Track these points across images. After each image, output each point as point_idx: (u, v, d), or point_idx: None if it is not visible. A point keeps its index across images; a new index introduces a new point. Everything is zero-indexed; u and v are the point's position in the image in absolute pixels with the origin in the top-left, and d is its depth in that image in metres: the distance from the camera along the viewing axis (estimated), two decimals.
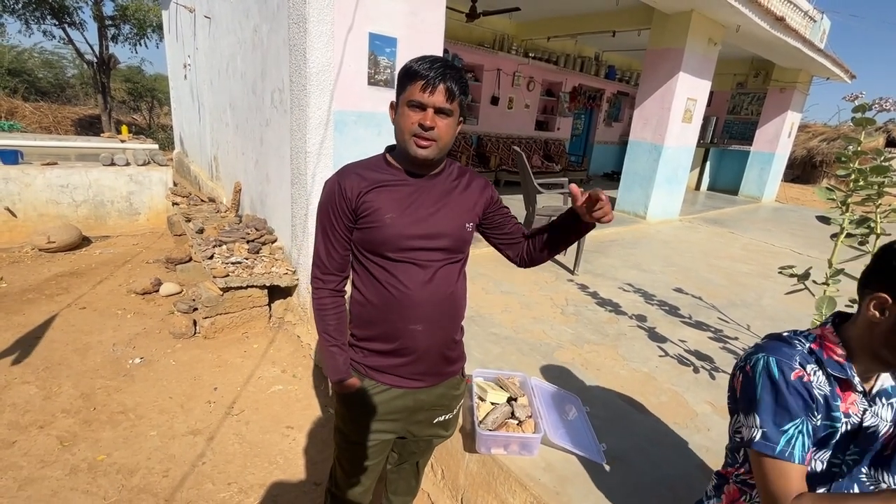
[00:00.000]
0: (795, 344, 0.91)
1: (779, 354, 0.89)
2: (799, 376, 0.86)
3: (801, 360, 0.89)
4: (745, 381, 0.93)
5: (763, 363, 0.90)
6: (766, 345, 0.94)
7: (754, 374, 0.90)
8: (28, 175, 4.58)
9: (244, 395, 2.50)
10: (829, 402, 0.87)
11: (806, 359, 0.89)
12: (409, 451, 1.45)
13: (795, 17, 6.50)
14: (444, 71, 1.00)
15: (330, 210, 1.11)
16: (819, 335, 0.93)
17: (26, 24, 10.85)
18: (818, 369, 0.89)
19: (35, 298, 3.42)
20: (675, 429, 1.91)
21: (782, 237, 6.05)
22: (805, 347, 0.91)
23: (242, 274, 3.02)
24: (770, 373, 0.88)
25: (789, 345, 0.91)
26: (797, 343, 0.92)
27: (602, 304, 3.19)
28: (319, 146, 2.78)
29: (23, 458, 1.96)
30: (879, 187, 1.79)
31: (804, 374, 0.86)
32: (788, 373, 0.86)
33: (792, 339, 0.93)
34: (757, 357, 0.91)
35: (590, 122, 10.57)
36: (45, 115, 11.93)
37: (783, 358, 0.88)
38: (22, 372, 2.53)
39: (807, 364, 0.88)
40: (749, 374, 0.92)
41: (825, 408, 0.87)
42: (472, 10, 5.85)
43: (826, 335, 0.92)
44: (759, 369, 0.90)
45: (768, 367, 0.89)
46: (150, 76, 16.41)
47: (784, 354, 0.89)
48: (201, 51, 5.28)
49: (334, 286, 1.17)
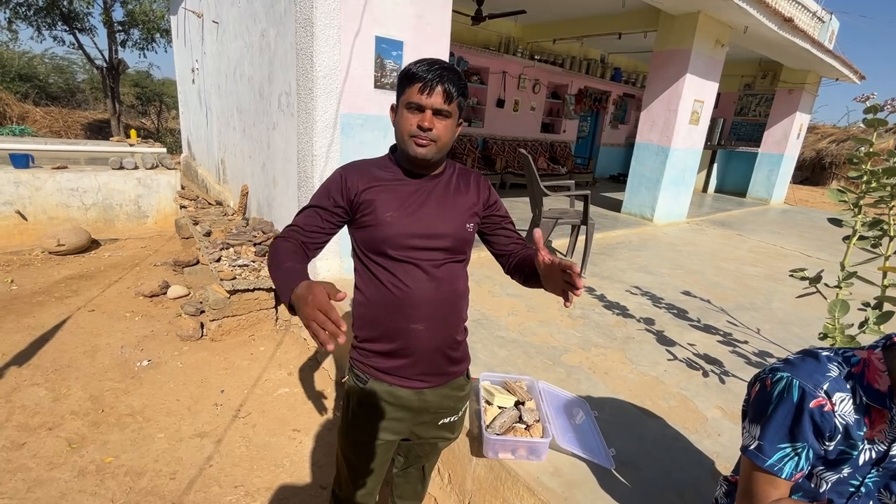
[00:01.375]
0: (831, 368, 0.86)
1: (805, 378, 0.84)
2: (819, 405, 0.82)
3: (831, 386, 0.83)
4: (761, 392, 0.90)
5: (786, 383, 0.86)
6: (797, 363, 0.89)
7: (773, 390, 0.87)
8: (38, 179, 4.64)
9: (251, 397, 2.50)
10: (849, 431, 0.83)
11: (837, 385, 0.84)
12: (414, 455, 1.44)
13: (804, 17, 6.46)
14: (441, 73, 1.02)
15: (327, 189, 1.13)
16: (865, 359, 0.86)
17: (38, 29, 11.01)
18: (849, 397, 0.84)
19: (45, 301, 3.45)
20: (685, 433, 1.88)
21: (791, 239, 5.99)
22: (843, 371, 0.85)
23: (249, 276, 3.03)
24: (790, 395, 0.84)
25: (823, 367, 0.86)
26: (834, 366, 0.86)
27: (609, 307, 3.17)
28: (327, 149, 2.79)
29: (32, 459, 1.97)
30: (892, 189, 1.76)
31: (826, 404, 0.82)
32: (809, 400, 0.82)
33: (828, 361, 0.87)
34: (782, 375, 0.87)
35: (596, 124, 10.54)
36: (55, 120, 12.09)
37: (808, 383, 0.84)
38: (31, 374, 2.55)
39: (836, 392, 0.83)
40: (767, 389, 0.88)
41: (844, 435, 0.84)
42: (478, 13, 5.87)
43: (872, 361, 0.85)
44: (779, 387, 0.86)
45: (790, 388, 0.85)
46: (159, 81, 16.58)
47: (811, 378, 0.84)
48: (209, 55, 5.33)
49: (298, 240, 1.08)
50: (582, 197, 3.72)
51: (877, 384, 0.83)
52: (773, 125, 8.73)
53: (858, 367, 0.85)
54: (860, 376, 0.84)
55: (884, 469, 0.86)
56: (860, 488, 0.89)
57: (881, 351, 0.85)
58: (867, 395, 0.83)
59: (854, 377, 0.84)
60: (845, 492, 0.90)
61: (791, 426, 0.84)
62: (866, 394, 0.83)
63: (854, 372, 0.85)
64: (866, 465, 0.86)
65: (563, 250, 4.36)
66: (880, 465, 0.86)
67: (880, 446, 0.85)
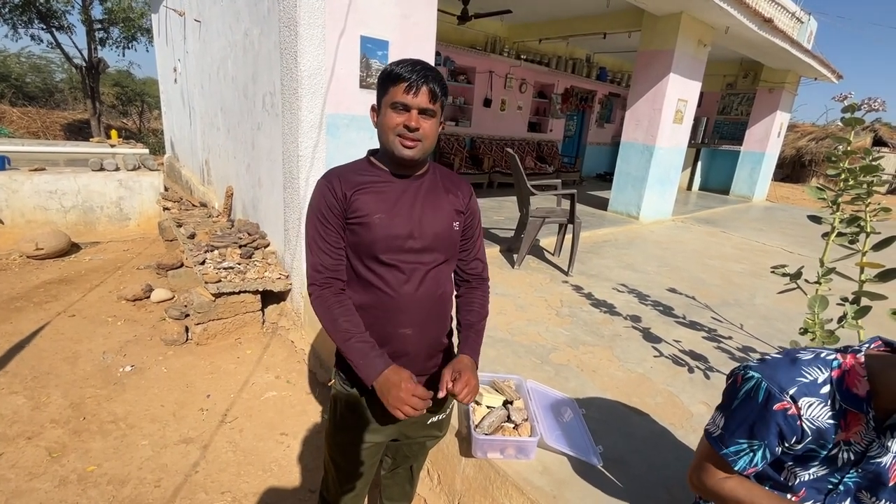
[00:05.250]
0: (807, 371, 0.86)
1: (774, 381, 0.86)
2: (783, 408, 0.84)
3: (798, 391, 0.84)
4: (732, 386, 0.93)
5: (754, 384, 0.88)
6: (772, 364, 0.90)
7: (742, 386, 0.90)
8: (15, 181, 4.51)
9: (238, 402, 2.47)
10: (822, 434, 0.85)
11: (808, 390, 0.84)
12: (402, 456, 1.44)
13: (783, 18, 6.58)
14: (426, 73, 1.02)
15: (323, 210, 1.09)
16: (845, 364, 0.86)
17: (13, 28, 10.73)
18: (820, 402, 0.84)
19: (23, 306, 3.36)
20: (672, 430, 1.91)
21: (773, 236, 6.11)
22: (822, 375, 0.85)
23: (235, 279, 2.99)
24: (756, 395, 0.87)
25: (796, 371, 0.86)
26: (813, 370, 0.86)
27: (597, 305, 3.20)
28: (312, 150, 2.77)
29: (10, 470, 1.92)
30: (868, 186, 1.81)
31: (790, 408, 0.84)
32: (772, 403, 0.85)
33: (807, 365, 0.87)
34: (753, 374, 0.89)
35: (582, 123, 10.62)
36: (33, 121, 11.79)
37: (776, 386, 0.85)
38: (9, 382, 2.48)
39: (805, 396, 0.84)
40: (737, 385, 0.91)
41: (815, 437, 0.85)
42: (464, 13, 5.87)
43: (853, 366, 0.85)
44: (748, 386, 0.89)
45: (757, 389, 0.87)
46: (140, 80, 16.27)
47: (780, 381, 0.85)
48: (192, 54, 5.24)
49: (335, 287, 1.11)
50: (569, 196, 3.75)
51: (855, 388, 0.83)
52: (754, 124, 8.89)
53: (838, 372, 0.85)
54: (839, 380, 0.85)
55: (862, 470, 0.88)
56: (838, 486, 0.91)
57: (863, 356, 0.85)
58: (844, 400, 0.84)
59: (833, 381, 0.85)
60: (823, 489, 0.93)
61: (752, 424, 0.87)
62: (843, 398, 0.84)
63: (833, 376, 0.85)
64: (846, 466, 0.88)
65: (551, 249, 4.38)
66: (858, 466, 0.88)
67: (857, 447, 0.86)
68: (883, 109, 1.79)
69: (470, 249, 1.26)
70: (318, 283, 1.10)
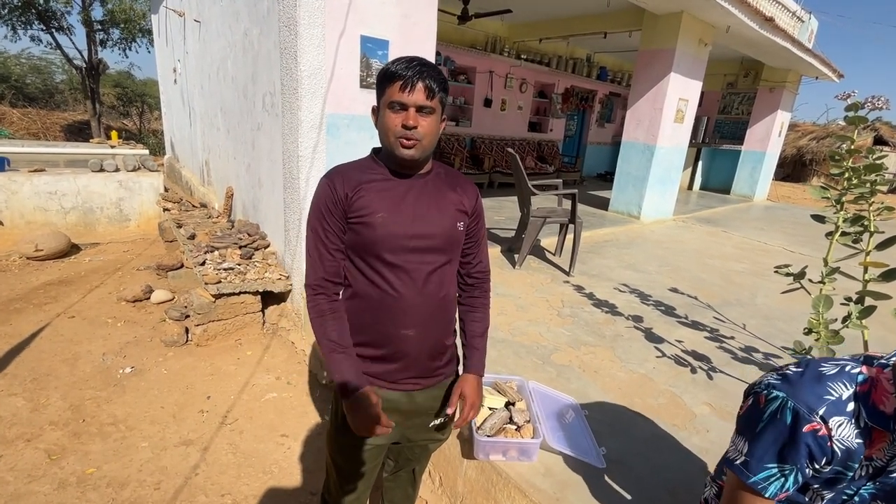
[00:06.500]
0: (833, 388, 0.80)
1: (801, 400, 0.80)
2: (813, 430, 0.78)
3: (829, 410, 0.78)
4: (753, 407, 0.86)
5: (780, 404, 0.81)
6: (795, 381, 0.83)
7: (766, 408, 0.83)
8: (15, 182, 4.51)
9: (238, 403, 2.46)
10: (850, 455, 0.79)
11: (837, 409, 0.79)
12: (405, 458, 1.42)
13: (784, 17, 6.57)
14: (421, 69, 1.00)
15: (323, 211, 1.08)
16: (872, 378, 0.80)
17: (13, 29, 10.73)
18: (849, 421, 0.79)
19: (22, 308, 3.35)
20: (674, 431, 1.89)
21: (775, 236, 6.09)
22: (848, 391, 0.80)
23: (235, 280, 2.98)
24: (782, 416, 0.80)
25: (822, 388, 0.80)
26: (838, 385, 0.80)
27: (598, 305, 3.18)
28: (312, 150, 2.75)
29: (9, 472, 1.91)
30: (872, 185, 1.79)
31: (821, 429, 0.78)
32: (802, 424, 0.78)
33: (833, 380, 0.81)
34: (777, 394, 0.82)
35: (582, 123, 10.61)
36: (33, 122, 11.79)
37: (803, 406, 0.79)
38: (8, 384, 2.47)
39: (834, 416, 0.78)
40: (760, 406, 0.84)
41: (843, 459, 0.80)
42: (464, 13, 5.86)
43: (880, 380, 0.79)
44: (773, 407, 0.82)
45: (783, 409, 0.80)
46: (141, 81, 16.28)
47: (807, 401, 0.79)
48: (191, 55, 5.23)
49: (330, 292, 1.12)
50: (569, 195, 3.74)
51: (882, 406, 0.77)
52: (755, 123, 8.87)
53: (864, 387, 0.80)
54: (865, 396, 0.79)
55: (880, 483, 0.84)
56: (854, 497, 0.88)
57: (890, 371, 0.79)
58: (870, 417, 0.78)
59: (858, 398, 0.79)
60: (838, 500, 0.89)
61: (781, 448, 0.81)
62: (869, 416, 0.78)
63: (859, 392, 0.79)
64: (862, 479, 0.84)
65: (552, 249, 4.37)
66: (876, 479, 0.84)
67: (878, 462, 0.82)
68: (886, 108, 1.77)
69: (475, 253, 1.26)
70: (313, 285, 1.11)
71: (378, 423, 1.07)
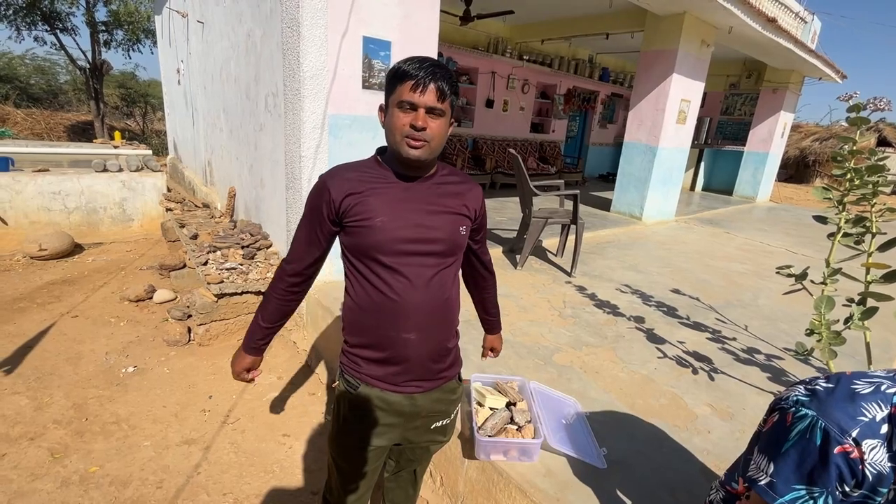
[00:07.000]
0: (867, 408, 0.75)
1: (833, 420, 0.75)
2: (844, 452, 0.73)
3: (861, 432, 0.73)
4: (779, 425, 0.81)
5: (809, 423, 0.76)
6: (825, 399, 0.78)
7: (794, 426, 0.78)
8: (19, 182, 4.53)
9: (240, 403, 2.47)
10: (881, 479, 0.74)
11: (871, 431, 0.73)
12: (406, 459, 1.42)
13: (787, 18, 6.55)
14: (433, 70, 0.99)
15: (310, 206, 1.13)
16: None
17: (17, 30, 10.80)
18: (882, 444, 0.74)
19: (26, 307, 3.37)
20: (676, 431, 1.89)
21: (777, 237, 6.08)
22: (882, 412, 0.75)
23: (237, 280, 2.99)
24: (812, 437, 0.75)
25: (856, 408, 0.75)
26: (873, 406, 0.75)
27: (600, 305, 3.18)
28: (315, 151, 2.76)
29: (12, 471, 1.92)
30: (874, 186, 1.79)
31: (853, 451, 0.73)
32: (833, 446, 0.73)
33: (867, 400, 0.76)
34: (806, 413, 0.77)
35: (584, 124, 10.60)
36: (37, 122, 11.85)
37: (835, 427, 0.74)
38: (12, 382, 2.49)
39: (867, 438, 0.73)
40: (787, 424, 0.79)
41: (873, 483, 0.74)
42: (466, 14, 5.86)
43: None
44: (801, 426, 0.77)
45: (813, 429, 0.76)
46: (144, 81, 16.33)
47: (840, 421, 0.74)
48: (194, 55, 5.26)
49: (290, 275, 1.18)
50: (571, 196, 3.74)
51: None
52: (758, 124, 8.85)
53: None
54: None
55: None
56: None
57: None
58: None
59: (892, 420, 0.74)
60: None
61: (811, 470, 0.76)
62: None
63: (894, 413, 0.74)
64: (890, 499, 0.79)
65: (554, 250, 4.37)
66: None
67: None
68: (889, 109, 1.77)
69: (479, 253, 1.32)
70: (283, 264, 1.20)
71: (249, 377, 1.28)
